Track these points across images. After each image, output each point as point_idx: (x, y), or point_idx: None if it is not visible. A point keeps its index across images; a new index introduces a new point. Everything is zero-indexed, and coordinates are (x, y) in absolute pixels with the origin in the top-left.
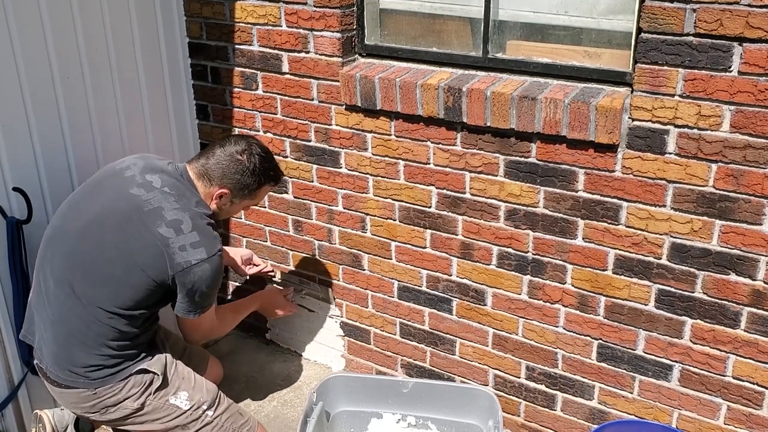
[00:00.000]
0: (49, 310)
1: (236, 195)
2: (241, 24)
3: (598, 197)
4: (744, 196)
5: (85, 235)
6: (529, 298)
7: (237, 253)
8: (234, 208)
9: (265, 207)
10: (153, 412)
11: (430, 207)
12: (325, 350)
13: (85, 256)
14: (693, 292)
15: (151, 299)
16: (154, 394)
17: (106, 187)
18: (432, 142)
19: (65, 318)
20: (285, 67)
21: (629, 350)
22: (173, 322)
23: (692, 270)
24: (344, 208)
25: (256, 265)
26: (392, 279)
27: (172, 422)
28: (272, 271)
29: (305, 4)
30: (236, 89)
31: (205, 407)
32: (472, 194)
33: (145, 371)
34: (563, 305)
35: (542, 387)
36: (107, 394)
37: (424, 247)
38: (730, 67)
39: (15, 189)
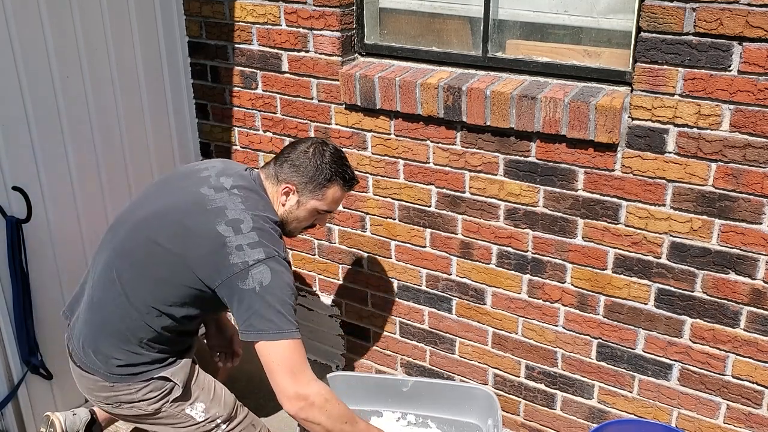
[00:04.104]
0: (92, 293)
1: (302, 190)
2: (240, 23)
3: (597, 196)
4: (743, 195)
5: (142, 227)
6: (529, 297)
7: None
8: (302, 212)
9: None
10: (167, 417)
11: (429, 206)
12: (324, 349)
13: (136, 247)
14: (692, 292)
15: (193, 303)
16: (171, 402)
17: (177, 186)
18: (432, 142)
19: (104, 304)
20: (284, 67)
21: (629, 349)
22: None
23: (692, 269)
24: (344, 207)
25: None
26: (392, 278)
27: (184, 430)
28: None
29: (305, 3)
30: (236, 88)
31: (219, 421)
32: (472, 193)
33: (167, 379)
34: (563, 304)
35: (542, 386)
36: (123, 391)
37: (424, 247)
38: (729, 67)
39: (14, 188)
